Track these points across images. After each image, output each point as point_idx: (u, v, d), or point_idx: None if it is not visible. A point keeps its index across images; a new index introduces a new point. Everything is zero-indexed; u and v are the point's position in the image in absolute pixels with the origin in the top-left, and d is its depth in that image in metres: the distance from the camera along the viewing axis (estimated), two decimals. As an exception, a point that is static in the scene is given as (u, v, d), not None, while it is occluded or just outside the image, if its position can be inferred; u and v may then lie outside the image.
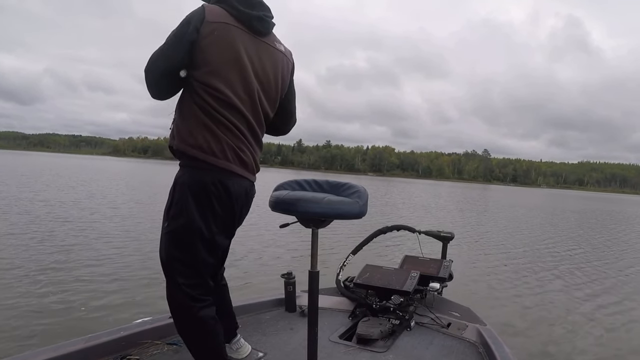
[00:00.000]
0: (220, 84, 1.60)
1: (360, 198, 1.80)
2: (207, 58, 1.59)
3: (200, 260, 1.67)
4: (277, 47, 1.80)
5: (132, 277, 5.65)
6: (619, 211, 37.09)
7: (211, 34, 1.58)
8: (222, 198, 1.65)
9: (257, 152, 1.78)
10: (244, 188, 1.75)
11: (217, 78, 1.60)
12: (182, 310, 1.68)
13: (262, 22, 1.70)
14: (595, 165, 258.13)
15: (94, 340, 1.99)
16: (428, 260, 3.40)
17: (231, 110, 1.63)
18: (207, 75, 1.59)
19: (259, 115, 1.74)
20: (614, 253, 11.67)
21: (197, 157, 1.61)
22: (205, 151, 1.60)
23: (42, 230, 8.50)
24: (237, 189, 1.70)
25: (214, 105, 1.60)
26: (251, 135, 1.73)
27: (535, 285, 7.16)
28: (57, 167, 40.57)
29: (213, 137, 1.61)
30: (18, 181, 20.50)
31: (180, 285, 1.65)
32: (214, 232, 1.67)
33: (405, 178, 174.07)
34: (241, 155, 1.68)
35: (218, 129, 1.61)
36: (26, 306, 4.38)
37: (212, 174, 1.62)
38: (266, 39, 1.74)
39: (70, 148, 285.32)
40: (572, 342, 4.72)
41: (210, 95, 1.60)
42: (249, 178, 1.76)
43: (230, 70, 1.62)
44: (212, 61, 1.59)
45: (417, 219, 16.39)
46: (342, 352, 2.33)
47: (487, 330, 2.61)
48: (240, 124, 1.66)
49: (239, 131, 1.66)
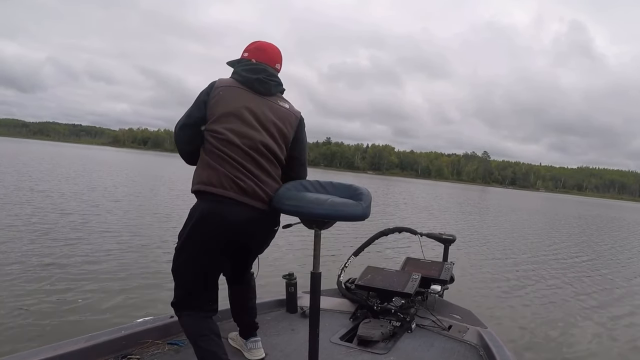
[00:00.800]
0: (221, 127, 1.91)
1: (364, 200, 1.80)
2: (213, 111, 1.94)
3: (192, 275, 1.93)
4: (281, 105, 2.07)
5: (133, 276, 5.63)
6: (619, 218, 37.13)
7: (218, 94, 1.96)
8: (217, 222, 1.85)
9: (264, 181, 1.94)
10: (246, 214, 1.88)
11: (219, 124, 1.92)
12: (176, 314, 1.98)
13: (262, 83, 2.01)
14: (595, 171, 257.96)
15: (95, 339, 1.98)
16: (429, 262, 3.39)
17: (230, 146, 1.89)
18: (213, 124, 1.93)
19: (261, 151, 1.95)
20: (618, 259, 11.68)
21: (199, 190, 1.89)
22: (205, 183, 1.87)
23: (41, 223, 8.50)
24: (235, 214, 1.86)
25: (215, 144, 1.90)
26: (255, 167, 1.92)
27: (537, 289, 7.18)
28: (56, 157, 40.49)
29: (212, 171, 1.88)
30: (18, 170, 20.45)
31: (176, 294, 1.96)
32: (208, 252, 1.90)
33: (404, 177, 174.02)
34: (239, 182, 1.87)
35: (216, 162, 1.88)
36: (26, 305, 4.36)
37: (210, 201, 1.87)
38: (270, 98, 2.04)
39: (70, 137, 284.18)
40: (574, 346, 4.73)
41: (214, 138, 1.91)
42: (251, 204, 1.89)
43: (231, 118, 1.93)
44: (216, 112, 1.93)
45: (419, 221, 16.39)
46: (343, 354, 2.32)
47: (488, 333, 2.60)
48: (239, 157, 1.89)
49: (237, 162, 1.89)
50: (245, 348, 2.22)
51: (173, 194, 16.96)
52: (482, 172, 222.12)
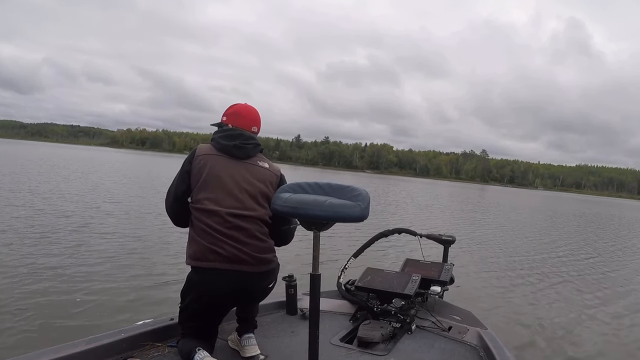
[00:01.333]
0: (202, 196, 2.03)
1: (362, 201, 1.80)
2: (196, 179, 2.06)
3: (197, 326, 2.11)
4: (261, 165, 2.18)
5: (133, 279, 5.63)
6: (619, 216, 37.17)
7: (199, 163, 2.08)
8: (209, 292, 2.01)
9: (247, 243, 2.03)
10: (233, 279, 2.00)
11: (202, 192, 2.03)
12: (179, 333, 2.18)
13: (239, 149, 2.12)
14: (593, 169, 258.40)
15: (95, 342, 1.98)
16: (429, 263, 3.39)
17: (210, 216, 2.00)
18: (196, 192, 2.05)
19: (242, 215, 2.04)
20: (619, 258, 11.69)
21: (190, 265, 2.04)
22: (192, 258, 2.01)
23: (40, 225, 8.48)
24: (223, 282, 1.99)
25: (197, 216, 2.02)
26: (236, 232, 2.01)
27: (537, 289, 7.18)
28: (55, 158, 40.44)
29: (196, 245, 2.00)
30: (17, 172, 20.42)
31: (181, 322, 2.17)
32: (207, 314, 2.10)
33: (402, 176, 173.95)
34: (219, 251, 1.97)
35: (199, 236, 2.00)
36: (26, 307, 4.35)
37: (200, 274, 2.01)
38: (249, 160, 2.15)
39: (69, 138, 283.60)
40: (575, 347, 4.74)
41: (196, 210, 2.03)
42: (235, 269, 2.00)
43: (211, 186, 2.04)
44: (199, 180, 2.05)
45: (419, 220, 16.39)
46: (343, 355, 2.32)
47: (488, 334, 2.60)
48: (218, 225, 1.99)
49: (217, 231, 1.99)
50: (239, 346, 2.23)
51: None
52: (480, 170, 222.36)
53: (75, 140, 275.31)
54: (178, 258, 6.67)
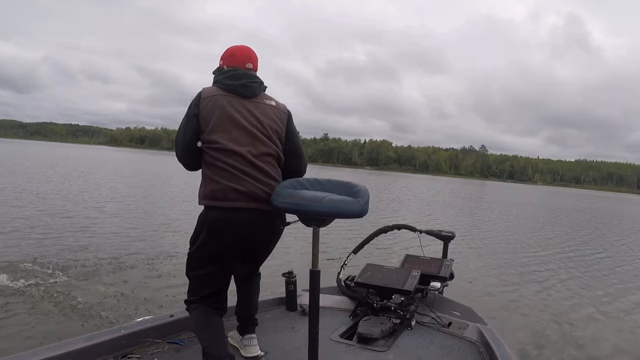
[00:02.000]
0: (217, 137, 1.99)
1: (362, 197, 1.80)
2: (207, 121, 2.01)
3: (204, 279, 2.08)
4: (267, 103, 2.14)
5: (133, 276, 5.63)
6: (622, 210, 37.12)
7: (207, 104, 2.02)
8: (225, 230, 1.98)
9: (265, 182, 2.01)
10: (251, 218, 1.97)
11: (215, 134, 1.99)
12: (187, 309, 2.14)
13: (246, 87, 2.08)
14: (593, 164, 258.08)
15: (95, 338, 1.98)
16: (429, 259, 3.40)
17: (228, 154, 1.97)
18: (210, 133, 2.00)
19: (258, 153, 2.03)
20: (620, 254, 11.68)
21: (209, 205, 1.99)
22: (210, 198, 1.97)
23: (41, 224, 8.48)
24: (241, 220, 1.97)
25: (214, 155, 1.98)
26: (254, 170, 1.99)
27: (537, 285, 7.19)
28: (54, 158, 40.40)
29: (215, 185, 1.97)
30: (16, 172, 20.41)
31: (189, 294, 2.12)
32: (218, 258, 2.05)
33: (402, 172, 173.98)
34: (241, 189, 1.95)
35: (218, 176, 1.97)
36: (26, 304, 4.36)
37: (217, 212, 1.97)
38: (256, 99, 2.11)
39: (68, 137, 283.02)
40: (574, 342, 4.74)
41: (211, 149, 1.99)
42: (254, 207, 1.97)
43: (225, 125, 2.00)
44: (210, 123, 2.00)
45: (420, 217, 16.38)
46: (343, 351, 2.32)
47: (488, 329, 2.61)
48: (238, 163, 1.97)
49: (237, 169, 1.97)
50: (240, 345, 2.23)
51: (173, 194, 16.94)
52: (480, 166, 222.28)
53: (74, 139, 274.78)
54: (178, 258, 6.67)
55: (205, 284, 2.07)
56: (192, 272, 2.09)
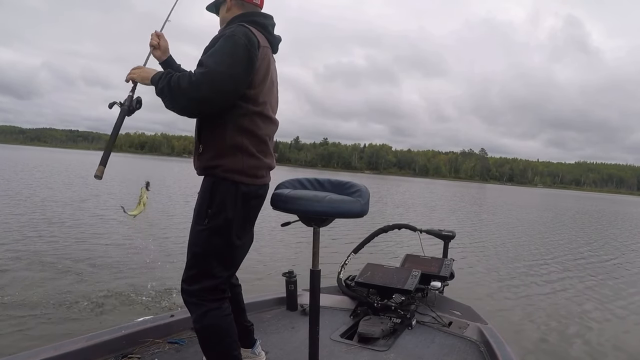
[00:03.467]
0: (265, 98, 1.77)
1: (362, 197, 1.80)
2: (260, 77, 1.73)
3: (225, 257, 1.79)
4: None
5: (133, 276, 5.62)
6: (622, 211, 37.06)
7: (263, 56, 1.74)
8: (255, 205, 1.84)
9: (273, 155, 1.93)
10: (266, 192, 1.90)
11: (263, 95, 1.76)
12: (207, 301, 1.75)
13: (278, 43, 1.90)
14: (592, 166, 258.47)
15: (95, 338, 1.98)
16: (429, 259, 3.40)
17: (268, 123, 1.81)
18: (257, 92, 1.73)
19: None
20: (621, 255, 11.64)
21: (240, 181, 1.73)
22: (249, 176, 1.75)
23: (42, 227, 8.47)
24: (264, 195, 1.88)
25: (257, 122, 1.75)
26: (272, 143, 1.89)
27: (538, 284, 7.18)
28: (54, 163, 40.42)
29: (256, 161, 1.76)
30: (17, 178, 20.41)
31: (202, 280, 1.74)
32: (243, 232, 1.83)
33: (401, 176, 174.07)
34: (271, 165, 1.86)
35: (259, 150, 1.76)
36: (27, 305, 4.35)
37: (250, 188, 1.77)
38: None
39: (67, 143, 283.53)
40: (574, 341, 4.73)
41: (257, 113, 1.74)
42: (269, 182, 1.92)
43: (269, 87, 1.80)
44: (260, 78, 1.73)
45: (422, 218, 16.37)
46: (343, 351, 2.32)
47: (488, 329, 2.61)
48: (272, 133, 1.86)
49: (270, 142, 1.84)
50: (254, 355, 2.10)
51: (173, 196, 16.94)
52: (479, 169, 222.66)
53: (74, 145, 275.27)
54: (178, 256, 6.67)
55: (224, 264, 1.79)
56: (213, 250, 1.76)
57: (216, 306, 1.75)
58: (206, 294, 1.74)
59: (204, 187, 1.77)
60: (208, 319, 1.73)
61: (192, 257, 1.76)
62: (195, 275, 1.75)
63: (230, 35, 1.65)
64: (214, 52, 1.64)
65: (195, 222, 1.77)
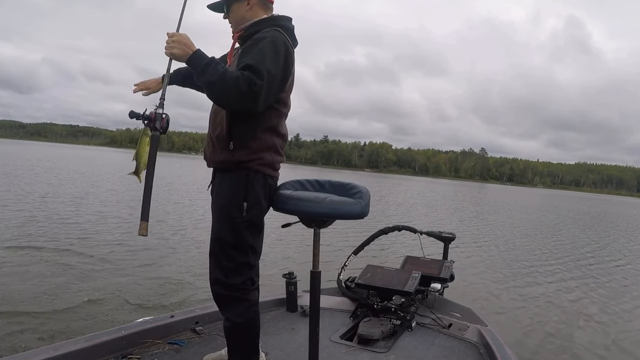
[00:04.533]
0: (289, 100, 1.90)
1: (362, 198, 1.80)
2: (289, 83, 1.85)
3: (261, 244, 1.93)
4: None
5: (133, 276, 5.61)
6: (625, 214, 36.97)
7: (293, 57, 1.85)
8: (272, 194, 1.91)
9: None
10: None
11: (288, 97, 1.88)
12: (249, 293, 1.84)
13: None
14: (592, 167, 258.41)
15: (95, 339, 1.98)
16: (429, 260, 3.40)
17: (285, 121, 1.92)
18: (286, 95, 1.87)
19: None
20: (621, 257, 11.62)
21: (268, 174, 1.84)
22: (275, 169, 1.88)
23: (41, 225, 8.47)
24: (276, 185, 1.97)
25: (281, 122, 1.88)
26: None
27: (538, 287, 7.17)
28: (55, 158, 40.39)
29: (281, 158, 1.90)
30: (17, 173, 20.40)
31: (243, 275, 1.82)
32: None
33: (401, 175, 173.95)
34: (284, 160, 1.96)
35: (282, 147, 1.90)
36: (27, 305, 4.34)
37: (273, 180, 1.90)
38: None
39: (68, 138, 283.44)
40: (574, 343, 4.73)
41: (283, 114, 1.88)
42: None
43: (290, 89, 1.89)
44: (289, 86, 1.86)
45: (424, 219, 16.34)
46: (343, 352, 2.32)
47: (489, 331, 2.60)
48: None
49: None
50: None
51: (173, 197, 16.93)
52: (479, 168, 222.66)
53: (74, 140, 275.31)
54: (179, 258, 6.67)
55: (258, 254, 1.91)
56: (253, 241, 1.84)
57: (255, 298, 1.85)
58: (248, 284, 1.83)
59: (235, 182, 1.80)
60: (250, 312, 1.82)
61: (229, 250, 1.80)
62: (236, 269, 1.80)
63: (274, 40, 1.74)
64: (264, 56, 1.68)
65: (229, 216, 1.79)
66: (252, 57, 1.67)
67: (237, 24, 1.92)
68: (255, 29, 1.84)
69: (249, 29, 1.87)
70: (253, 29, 1.85)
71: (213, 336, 2.31)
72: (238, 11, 1.91)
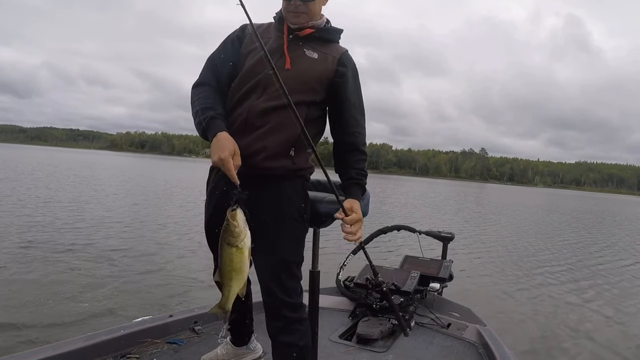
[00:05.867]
0: None
1: (362, 198, 1.80)
2: None
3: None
4: None
5: (133, 276, 5.62)
6: (626, 213, 36.90)
7: None
8: None
9: None
10: None
11: None
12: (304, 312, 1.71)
13: None
14: (593, 166, 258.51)
15: (94, 338, 1.98)
16: (428, 260, 3.40)
17: None
18: None
19: None
20: (622, 257, 11.58)
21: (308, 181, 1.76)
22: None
23: (41, 226, 8.47)
24: None
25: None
26: None
27: (537, 287, 7.16)
28: (56, 163, 40.42)
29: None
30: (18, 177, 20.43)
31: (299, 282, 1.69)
32: None
33: (402, 175, 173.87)
34: None
35: None
36: (26, 304, 4.35)
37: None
38: None
39: (68, 142, 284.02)
40: (574, 344, 4.72)
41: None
42: None
43: None
44: None
45: (425, 220, 16.32)
46: (342, 352, 2.32)
47: (487, 330, 2.61)
48: None
49: None
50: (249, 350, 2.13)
51: (172, 199, 16.95)
52: (480, 168, 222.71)
53: (74, 144, 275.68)
54: (179, 259, 6.67)
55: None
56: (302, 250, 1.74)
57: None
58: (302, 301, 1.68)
59: (291, 191, 1.64)
60: (309, 332, 1.70)
61: (293, 269, 1.64)
62: (296, 288, 1.65)
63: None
64: (362, 103, 1.78)
65: (292, 228, 1.63)
66: (353, 96, 1.74)
67: (311, 17, 1.66)
68: (329, 36, 1.72)
69: (322, 33, 1.71)
70: (328, 35, 1.72)
71: (212, 336, 2.32)
72: (319, 4, 1.68)
